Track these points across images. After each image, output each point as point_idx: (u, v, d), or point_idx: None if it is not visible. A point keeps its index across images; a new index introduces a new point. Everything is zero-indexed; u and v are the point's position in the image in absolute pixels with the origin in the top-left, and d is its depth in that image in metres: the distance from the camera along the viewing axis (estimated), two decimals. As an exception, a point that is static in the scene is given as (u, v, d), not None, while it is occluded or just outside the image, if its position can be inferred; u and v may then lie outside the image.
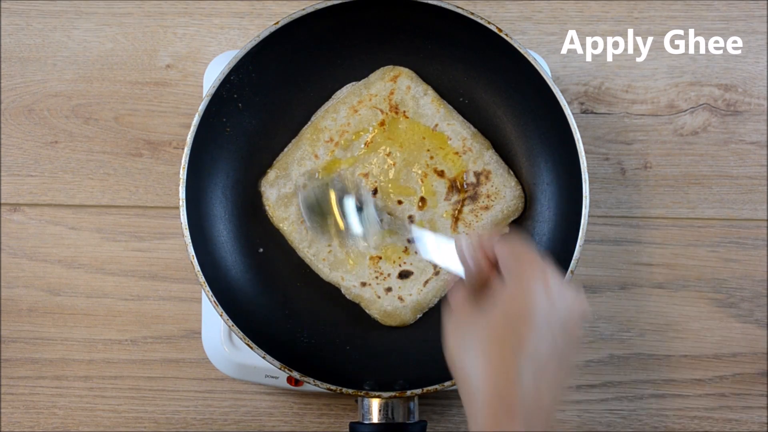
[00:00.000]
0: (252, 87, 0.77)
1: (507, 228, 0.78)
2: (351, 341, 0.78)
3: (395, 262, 0.78)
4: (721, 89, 0.86)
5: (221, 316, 0.71)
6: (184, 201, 0.72)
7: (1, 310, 0.84)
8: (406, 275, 0.78)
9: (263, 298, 0.78)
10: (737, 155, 0.85)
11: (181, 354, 0.83)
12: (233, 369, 0.78)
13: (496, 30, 0.73)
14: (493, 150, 0.79)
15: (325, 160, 0.78)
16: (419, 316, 0.78)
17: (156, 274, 0.84)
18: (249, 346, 0.71)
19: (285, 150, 0.79)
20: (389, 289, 0.77)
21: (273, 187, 0.79)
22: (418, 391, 0.71)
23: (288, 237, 0.78)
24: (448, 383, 0.70)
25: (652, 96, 0.86)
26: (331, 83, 0.80)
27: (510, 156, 0.79)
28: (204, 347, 0.79)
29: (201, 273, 0.72)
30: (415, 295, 0.77)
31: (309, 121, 0.80)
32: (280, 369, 0.71)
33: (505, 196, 0.78)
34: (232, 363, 0.78)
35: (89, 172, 0.85)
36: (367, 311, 0.78)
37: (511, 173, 0.79)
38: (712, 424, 0.82)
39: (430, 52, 0.79)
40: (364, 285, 0.78)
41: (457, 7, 0.73)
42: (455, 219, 0.78)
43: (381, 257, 0.78)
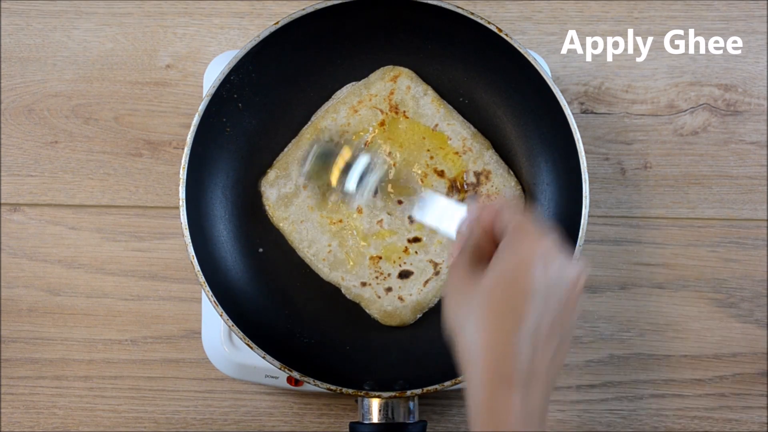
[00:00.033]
0: (252, 87, 0.77)
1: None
2: (351, 341, 0.77)
3: (395, 262, 0.78)
4: (721, 89, 0.86)
5: (221, 316, 0.71)
6: (184, 201, 0.72)
7: (1, 310, 0.84)
8: (406, 275, 0.78)
9: (263, 298, 0.78)
10: (737, 155, 0.85)
11: (181, 354, 0.83)
12: (233, 369, 0.78)
13: (496, 30, 0.73)
14: (493, 150, 0.79)
15: (325, 160, 0.78)
16: (419, 316, 0.78)
17: (156, 274, 0.84)
18: (249, 346, 0.71)
19: (285, 150, 0.79)
20: (389, 289, 0.77)
21: (273, 187, 0.79)
22: (418, 391, 0.71)
23: (288, 237, 0.78)
24: (448, 383, 0.70)
25: (652, 96, 0.86)
26: (331, 83, 0.80)
27: (510, 156, 0.79)
28: (204, 347, 0.79)
29: (201, 273, 0.72)
30: (415, 295, 0.77)
31: (309, 121, 0.80)
32: (280, 369, 0.71)
33: (505, 196, 0.78)
34: (232, 363, 0.77)
35: (89, 172, 0.85)
36: (367, 311, 0.78)
37: (511, 173, 0.79)
38: (712, 424, 0.82)
39: (430, 52, 0.79)
40: (364, 285, 0.78)
41: (457, 7, 0.73)
42: (455, 219, 0.78)
43: (381, 257, 0.78)
